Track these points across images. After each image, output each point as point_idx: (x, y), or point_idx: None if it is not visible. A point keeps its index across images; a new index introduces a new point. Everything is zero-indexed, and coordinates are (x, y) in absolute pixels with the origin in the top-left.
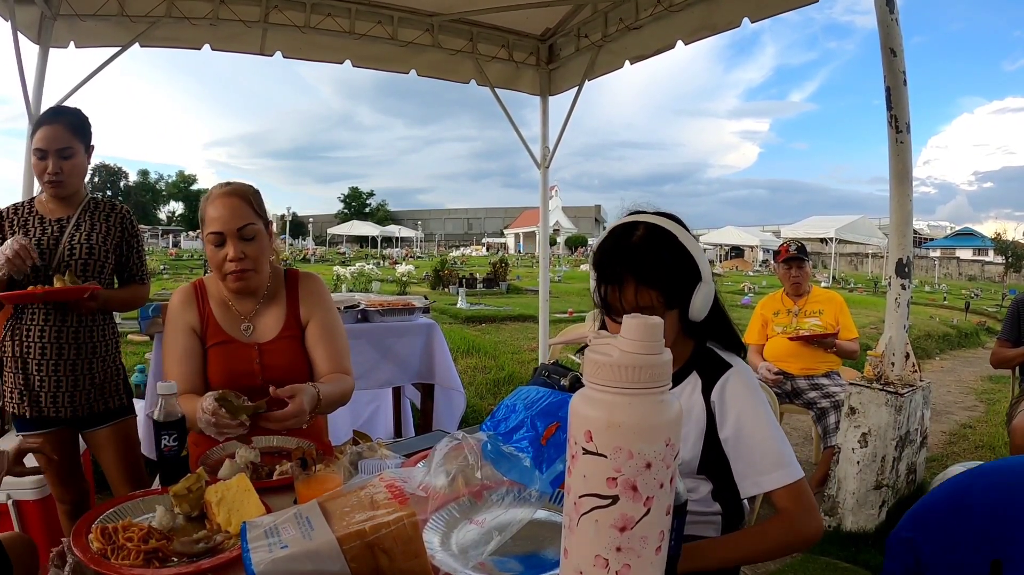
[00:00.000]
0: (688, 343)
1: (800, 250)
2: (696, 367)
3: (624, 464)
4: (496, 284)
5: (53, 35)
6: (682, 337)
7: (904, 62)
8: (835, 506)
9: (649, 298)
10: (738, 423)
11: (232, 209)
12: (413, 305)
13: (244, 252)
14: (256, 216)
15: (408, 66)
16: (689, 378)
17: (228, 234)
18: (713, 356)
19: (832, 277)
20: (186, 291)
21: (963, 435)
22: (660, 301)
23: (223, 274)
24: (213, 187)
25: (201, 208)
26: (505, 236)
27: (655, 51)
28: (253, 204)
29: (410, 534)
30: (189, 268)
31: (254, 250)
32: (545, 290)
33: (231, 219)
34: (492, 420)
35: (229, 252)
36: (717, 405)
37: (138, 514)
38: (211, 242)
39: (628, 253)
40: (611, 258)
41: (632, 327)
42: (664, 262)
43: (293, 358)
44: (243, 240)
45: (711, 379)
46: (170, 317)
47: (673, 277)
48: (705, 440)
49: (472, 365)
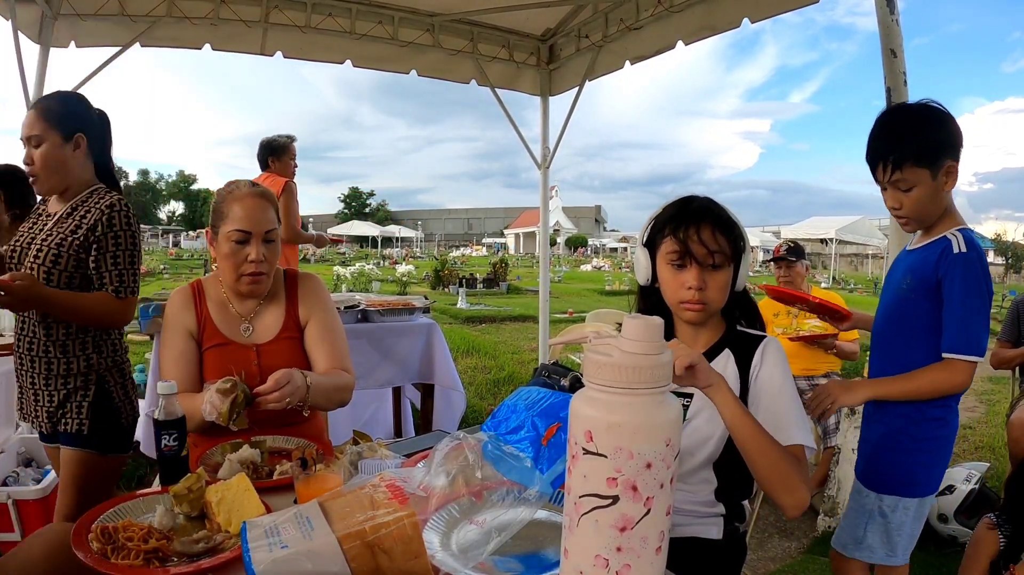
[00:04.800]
0: (722, 324)
1: (791, 250)
2: (729, 345)
3: (624, 464)
4: (496, 284)
5: (54, 35)
6: (719, 317)
7: (905, 63)
8: (835, 506)
9: (724, 242)
10: (771, 383)
11: (262, 210)
12: (413, 305)
13: (264, 255)
14: (278, 221)
15: (408, 66)
16: (722, 355)
17: (255, 235)
18: (745, 335)
19: (832, 278)
20: (184, 293)
21: (963, 436)
22: (729, 250)
23: (239, 274)
24: (235, 184)
25: (220, 203)
26: (505, 236)
27: (655, 51)
28: (276, 209)
29: (410, 534)
30: (189, 268)
31: (272, 254)
32: (545, 290)
33: (261, 221)
34: (493, 420)
35: (252, 253)
36: (756, 370)
37: (138, 514)
38: (233, 239)
39: (704, 205)
40: (684, 209)
41: (632, 327)
42: (731, 217)
43: (292, 359)
44: (266, 243)
45: (747, 353)
46: (167, 319)
47: (736, 232)
48: None
49: (472, 365)
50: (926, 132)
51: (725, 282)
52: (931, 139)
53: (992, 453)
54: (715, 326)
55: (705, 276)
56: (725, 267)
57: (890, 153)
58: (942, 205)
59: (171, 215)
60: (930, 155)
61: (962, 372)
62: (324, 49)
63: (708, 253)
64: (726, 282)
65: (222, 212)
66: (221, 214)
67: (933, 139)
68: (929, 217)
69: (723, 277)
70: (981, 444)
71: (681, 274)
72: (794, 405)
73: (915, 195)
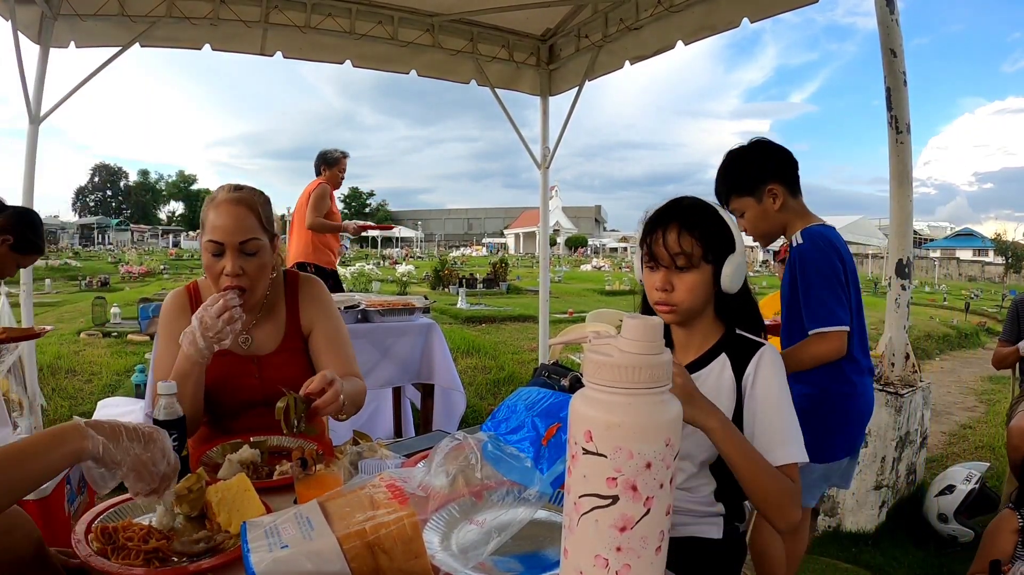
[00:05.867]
0: (719, 327)
1: None
2: (726, 349)
3: (624, 464)
4: (496, 284)
5: (53, 35)
6: (714, 320)
7: (904, 63)
8: (835, 506)
9: (690, 243)
10: (767, 396)
11: (237, 219)
12: (413, 305)
13: (243, 268)
14: (262, 230)
15: (408, 66)
16: (718, 359)
17: (228, 246)
18: (743, 339)
19: None
20: (178, 297)
21: (963, 436)
22: (699, 249)
23: (218, 287)
24: (220, 188)
25: (204, 209)
26: (505, 236)
27: (655, 51)
28: (261, 216)
29: (410, 534)
30: (189, 268)
31: (254, 267)
32: (545, 290)
33: (234, 231)
34: (493, 420)
35: (227, 266)
36: (749, 379)
37: (138, 514)
38: (209, 250)
39: (676, 206)
40: (661, 212)
41: (632, 327)
42: (707, 215)
43: (296, 372)
44: (244, 255)
45: (743, 359)
46: (161, 325)
47: (712, 231)
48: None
49: (472, 365)
50: (740, 167)
51: (695, 284)
52: (744, 172)
53: (992, 453)
54: (711, 329)
55: (672, 278)
56: (694, 269)
57: (719, 190)
58: (780, 220)
59: (171, 215)
60: (747, 185)
61: (832, 340)
62: (324, 49)
63: (671, 256)
64: (696, 284)
65: (202, 219)
66: (203, 222)
67: (746, 172)
68: (771, 232)
69: (692, 279)
70: (981, 444)
71: (652, 275)
72: (790, 419)
73: (748, 218)
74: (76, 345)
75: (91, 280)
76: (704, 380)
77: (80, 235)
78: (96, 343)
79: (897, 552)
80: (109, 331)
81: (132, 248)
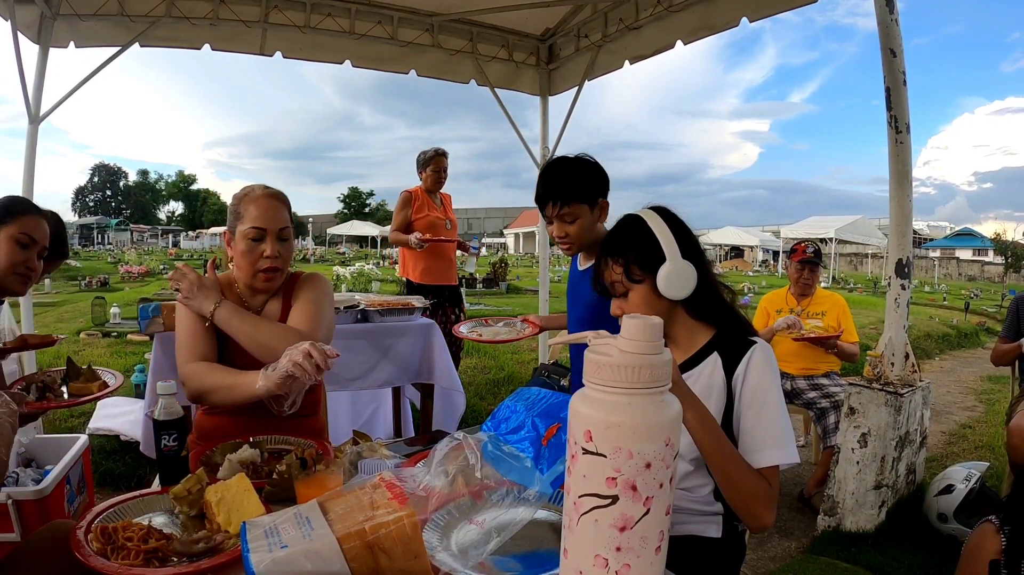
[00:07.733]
0: (708, 328)
1: (817, 253)
2: (718, 348)
3: (624, 464)
4: (496, 284)
5: (53, 35)
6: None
7: (904, 63)
8: (834, 506)
9: (618, 272)
10: (753, 395)
11: (276, 210)
12: (413, 305)
13: (279, 251)
14: (291, 221)
15: (408, 66)
16: (709, 358)
17: (270, 232)
18: (735, 338)
19: (832, 277)
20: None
21: (963, 435)
22: (623, 274)
23: (255, 270)
24: (252, 187)
25: (237, 205)
26: (505, 236)
27: (655, 51)
28: (289, 210)
29: (410, 534)
30: None
31: (286, 251)
32: (545, 290)
33: (275, 219)
34: (493, 420)
35: (267, 249)
36: (740, 378)
37: (138, 514)
38: (250, 236)
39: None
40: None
41: (631, 327)
42: (630, 236)
43: None
44: (280, 240)
45: (734, 357)
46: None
47: (636, 252)
48: (722, 421)
49: (472, 365)
50: (584, 175)
51: (640, 300)
52: (589, 180)
53: (992, 453)
54: (691, 330)
55: (623, 304)
56: (633, 290)
57: (559, 192)
58: (598, 233)
59: (171, 215)
60: (587, 193)
61: None
62: (324, 49)
63: (610, 287)
64: (641, 300)
65: (239, 213)
66: (238, 215)
67: (590, 180)
68: (590, 242)
69: (636, 297)
70: (981, 443)
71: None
72: (777, 420)
73: (581, 224)
74: (76, 345)
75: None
76: (696, 379)
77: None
78: (96, 343)
79: (897, 552)
80: (109, 331)
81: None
